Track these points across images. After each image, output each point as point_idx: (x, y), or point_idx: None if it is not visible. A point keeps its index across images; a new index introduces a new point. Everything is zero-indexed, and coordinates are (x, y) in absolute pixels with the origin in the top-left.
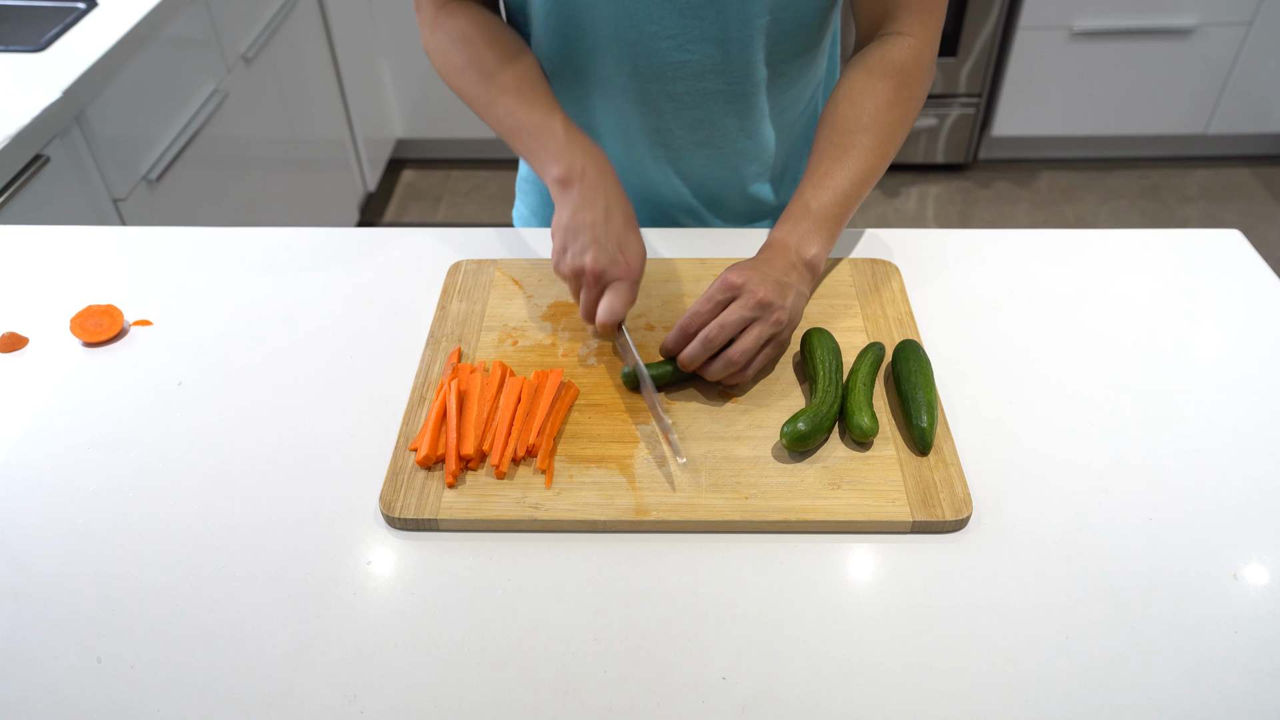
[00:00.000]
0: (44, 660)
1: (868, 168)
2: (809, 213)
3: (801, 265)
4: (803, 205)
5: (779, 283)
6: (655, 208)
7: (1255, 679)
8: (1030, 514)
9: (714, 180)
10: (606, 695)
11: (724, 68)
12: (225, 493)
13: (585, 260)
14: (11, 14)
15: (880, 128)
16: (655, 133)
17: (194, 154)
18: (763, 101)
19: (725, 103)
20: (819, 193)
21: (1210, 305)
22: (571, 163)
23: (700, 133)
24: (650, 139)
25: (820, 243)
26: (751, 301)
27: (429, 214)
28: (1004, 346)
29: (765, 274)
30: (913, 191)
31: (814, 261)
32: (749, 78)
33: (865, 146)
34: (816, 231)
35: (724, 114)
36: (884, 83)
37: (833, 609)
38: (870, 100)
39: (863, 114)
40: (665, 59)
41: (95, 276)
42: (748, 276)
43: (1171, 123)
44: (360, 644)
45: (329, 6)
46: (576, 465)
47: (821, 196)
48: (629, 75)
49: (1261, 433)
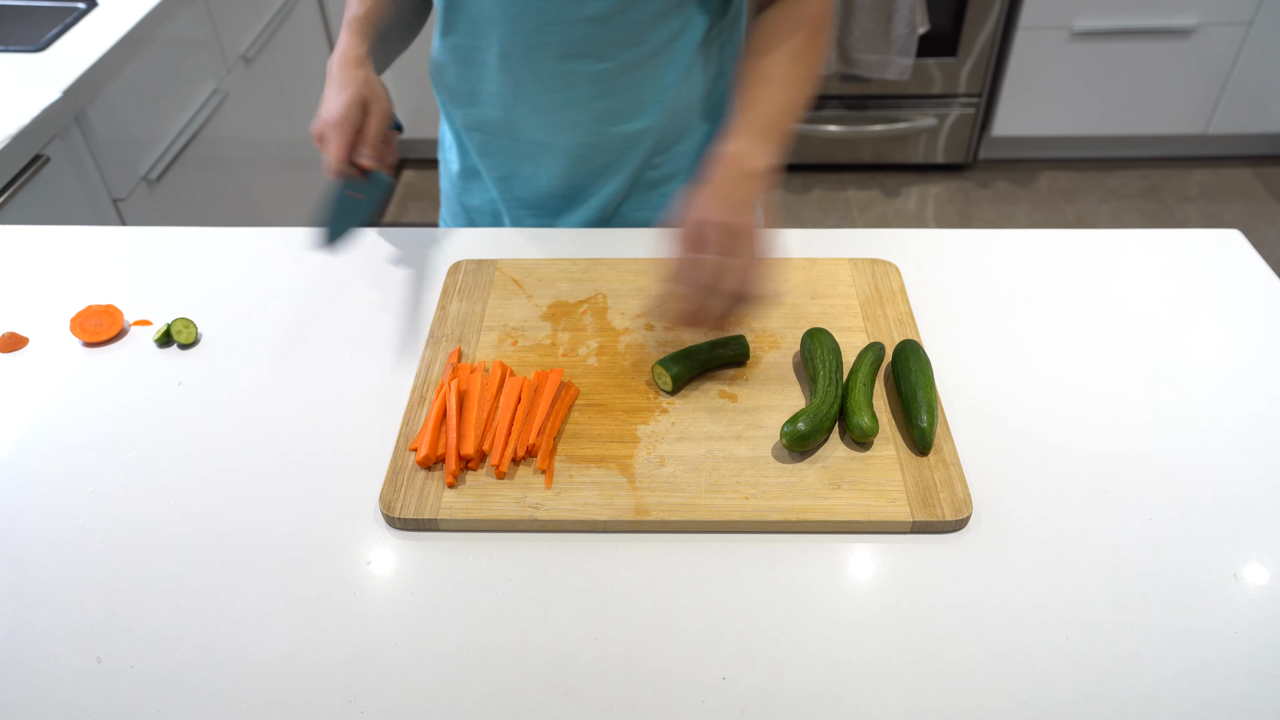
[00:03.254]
0: (44, 660)
1: (791, 96)
2: (751, 129)
3: (753, 175)
4: (744, 124)
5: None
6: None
7: (1255, 679)
8: (1030, 514)
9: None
10: (606, 695)
11: (585, 50)
12: (225, 492)
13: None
14: (11, 14)
15: (797, 68)
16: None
17: (194, 154)
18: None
19: (592, 84)
20: (751, 110)
21: (1210, 305)
22: (330, 59)
23: (574, 114)
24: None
25: (767, 151)
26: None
27: (429, 214)
28: (1004, 346)
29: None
30: (913, 191)
31: (764, 169)
32: (613, 59)
33: (786, 77)
34: (760, 142)
35: (593, 96)
36: (796, 35)
37: (833, 609)
38: (783, 45)
39: (778, 61)
40: (528, 41)
41: (95, 276)
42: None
43: (1171, 123)
44: (360, 644)
45: (329, 6)
46: (576, 465)
47: (754, 111)
48: (500, 56)
49: (1261, 433)
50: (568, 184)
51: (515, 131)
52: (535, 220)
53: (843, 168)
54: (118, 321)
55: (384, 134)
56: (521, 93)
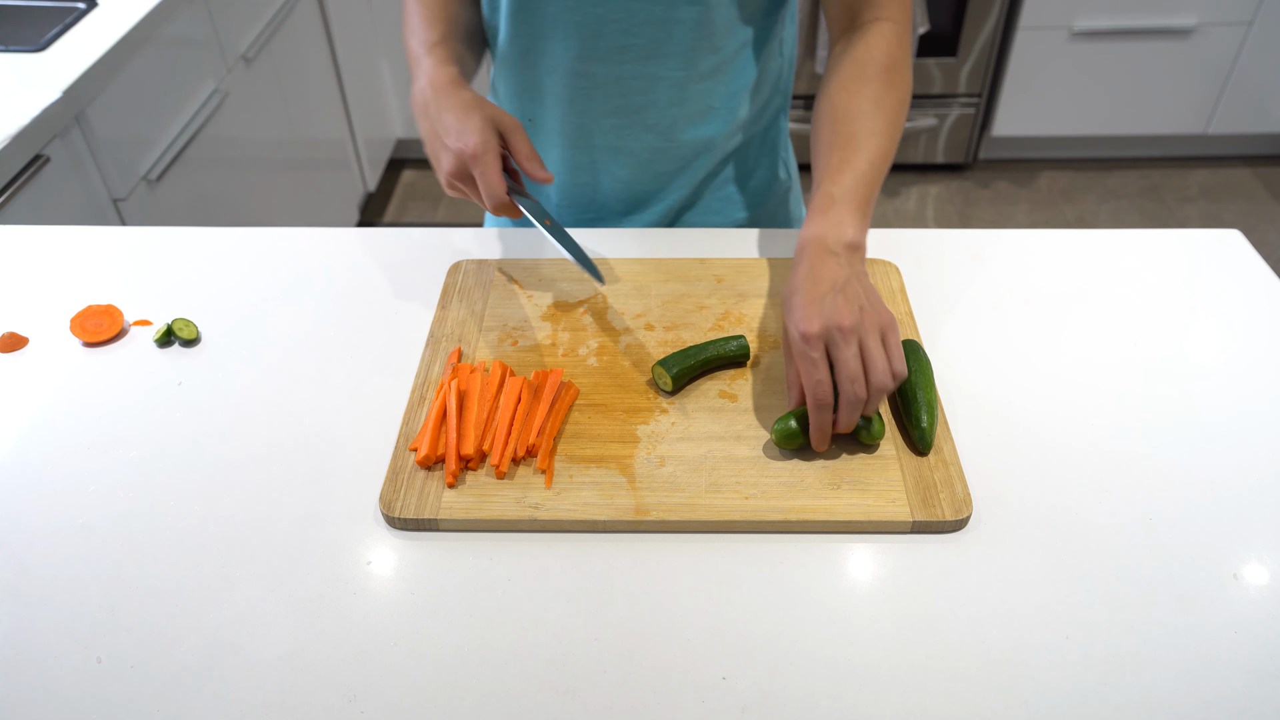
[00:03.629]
0: (44, 660)
1: (880, 150)
2: (833, 201)
3: (843, 251)
4: (825, 196)
5: (839, 293)
6: (596, 200)
7: (1255, 679)
8: (1030, 514)
9: (653, 173)
10: (606, 695)
11: (671, 51)
12: (225, 493)
13: (444, 170)
14: (11, 14)
15: (883, 112)
16: (603, 117)
17: (194, 154)
18: (710, 90)
19: (672, 89)
20: (838, 179)
21: (1210, 305)
22: (418, 90)
23: (647, 118)
24: (597, 125)
25: (854, 224)
26: (844, 335)
27: (429, 214)
28: (1004, 346)
29: (822, 296)
30: (913, 191)
31: (854, 243)
32: (695, 64)
33: (873, 131)
34: (848, 215)
35: (670, 101)
36: (875, 69)
37: (833, 609)
38: (866, 88)
39: (862, 102)
40: (611, 42)
41: (95, 276)
42: (814, 315)
43: (1171, 123)
44: (360, 644)
45: (329, 6)
46: (576, 465)
47: (841, 182)
48: (578, 58)
49: (1261, 432)
50: (631, 190)
51: (582, 136)
52: (595, 225)
53: None
54: (118, 321)
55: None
56: (596, 95)
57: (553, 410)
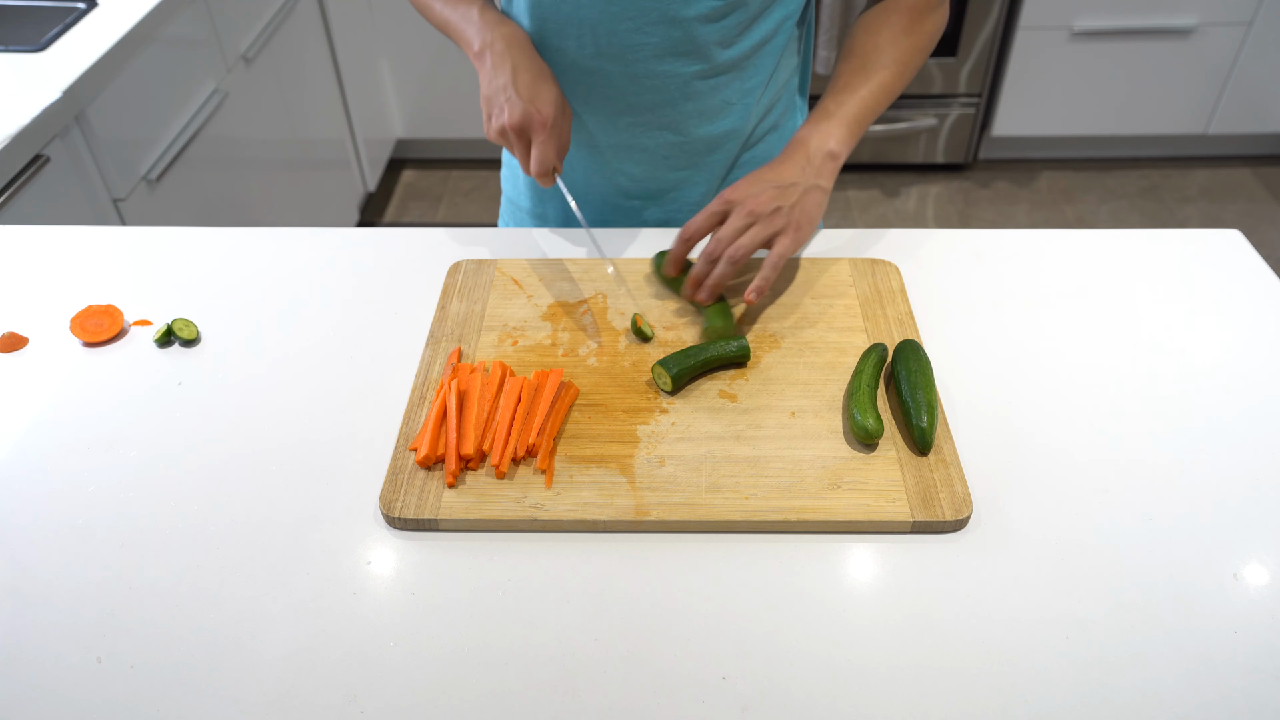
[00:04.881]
0: (44, 660)
1: (884, 82)
2: (829, 114)
3: (820, 158)
4: (823, 109)
5: (778, 188)
6: (615, 195)
7: (1255, 679)
8: (1030, 514)
9: (669, 168)
10: (606, 695)
11: (685, 49)
12: (225, 493)
13: (504, 119)
14: (11, 14)
15: (898, 50)
16: (619, 115)
17: (194, 154)
18: (725, 85)
19: (685, 86)
20: (840, 97)
21: (1210, 305)
22: (483, 38)
23: (661, 115)
24: (614, 122)
25: (840, 138)
26: (743, 212)
27: (429, 214)
28: (1004, 346)
29: (764, 183)
30: (913, 191)
31: (834, 152)
32: (711, 61)
33: (882, 64)
34: (837, 127)
35: (684, 98)
36: (900, 15)
37: (833, 609)
38: (886, 29)
39: (880, 40)
40: (625, 40)
41: (95, 276)
42: (744, 192)
43: (1171, 123)
44: (360, 644)
45: (329, 6)
46: (576, 465)
47: (841, 100)
48: (591, 56)
49: (1261, 432)
50: (644, 187)
51: (594, 132)
52: (614, 222)
53: (843, 167)
54: (118, 321)
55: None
56: (611, 92)
57: (553, 410)
